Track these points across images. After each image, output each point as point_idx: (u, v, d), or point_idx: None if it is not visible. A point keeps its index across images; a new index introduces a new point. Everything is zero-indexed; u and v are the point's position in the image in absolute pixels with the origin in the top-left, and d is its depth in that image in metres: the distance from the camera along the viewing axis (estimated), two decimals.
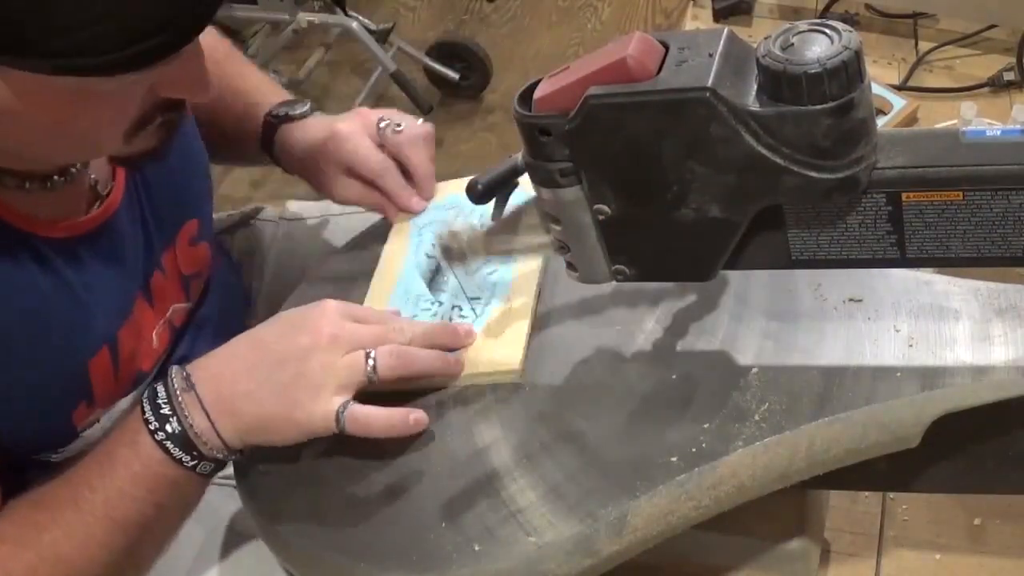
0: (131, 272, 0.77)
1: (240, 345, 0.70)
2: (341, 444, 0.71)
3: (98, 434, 0.76)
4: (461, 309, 0.78)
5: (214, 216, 0.95)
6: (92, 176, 0.74)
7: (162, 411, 0.67)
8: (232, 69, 0.96)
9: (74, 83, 0.57)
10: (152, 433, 0.66)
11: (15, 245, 0.66)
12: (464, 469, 0.68)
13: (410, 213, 0.87)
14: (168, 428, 0.66)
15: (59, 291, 0.69)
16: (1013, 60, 1.76)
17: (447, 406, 0.72)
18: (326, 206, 1.12)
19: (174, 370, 0.69)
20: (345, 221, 1.07)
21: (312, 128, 0.89)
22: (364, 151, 0.86)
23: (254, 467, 0.73)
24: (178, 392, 0.67)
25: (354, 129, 0.86)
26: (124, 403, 0.78)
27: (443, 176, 0.91)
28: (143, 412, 0.67)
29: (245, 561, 0.77)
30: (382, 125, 0.86)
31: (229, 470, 0.75)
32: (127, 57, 0.55)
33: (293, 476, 0.71)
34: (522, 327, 0.75)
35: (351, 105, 2.25)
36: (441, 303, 0.79)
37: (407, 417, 0.69)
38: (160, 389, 0.68)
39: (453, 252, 0.76)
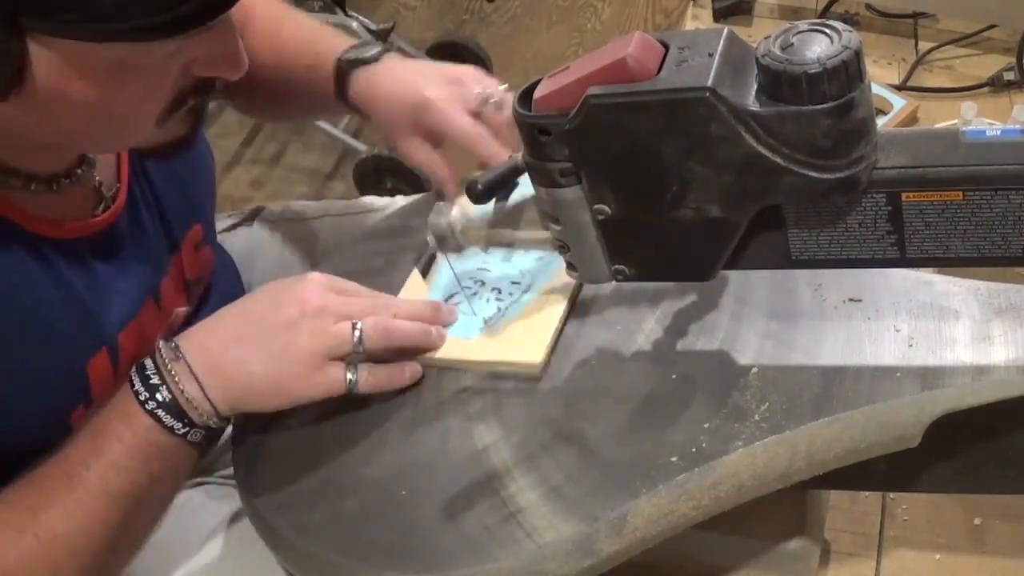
0: (139, 276, 0.77)
1: (228, 315, 0.72)
2: (341, 443, 0.71)
3: None
4: (499, 292, 0.79)
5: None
6: (97, 178, 0.74)
7: (151, 381, 0.68)
8: (292, 23, 0.96)
9: (116, 53, 0.58)
10: (142, 404, 0.67)
11: (17, 243, 0.67)
12: (464, 469, 0.68)
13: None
14: (159, 397, 0.68)
15: (60, 292, 0.69)
16: (1013, 60, 1.76)
17: (447, 406, 0.72)
18: (326, 206, 1.12)
19: (161, 343, 0.70)
20: (345, 221, 1.07)
21: (396, 80, 0.86)
22: (457, 124, 0.82)
23: (254, 466, 0.73)
24: (167, 362, 0.68)
25: (447, 98, 0.83)
26: None
27: None
28: (132, 385, 0.68)
29: (245, 561, 0.77)
30: (481, 100, 0.82)
31: (229, 470, 0.75)
32: (172, 19, 0.56)
33: (293, 476, 0.71)
34: (551, 325, 0.75)
35: None
36: (483, 282, 0.79)
37: (405, 370, 0.73)
38: (148, 362, 0.69)
39: (448, 243, 0.76)
